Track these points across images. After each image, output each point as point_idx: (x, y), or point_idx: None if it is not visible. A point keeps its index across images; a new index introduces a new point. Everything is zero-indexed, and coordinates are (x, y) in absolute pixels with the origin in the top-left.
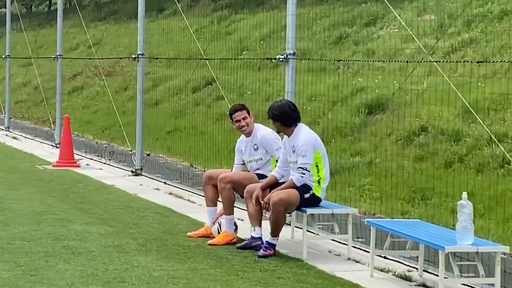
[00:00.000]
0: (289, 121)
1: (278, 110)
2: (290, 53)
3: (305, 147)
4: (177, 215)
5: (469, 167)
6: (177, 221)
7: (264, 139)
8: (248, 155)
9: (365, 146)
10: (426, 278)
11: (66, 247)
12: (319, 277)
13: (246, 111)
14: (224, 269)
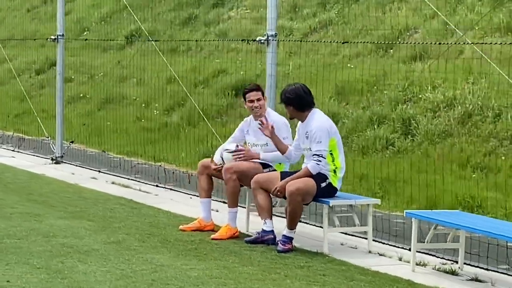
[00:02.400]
0: (303, 105)
1: (292, 93)
2: (271, 34)
3: (320, 133)
4: (146, 207)
5: (353, 149)
6: (153, 213)
7: (274, 124)
8: (255, 138)
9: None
10: (476, 272)
11: (65, 245)
12: (363, 273)
13: (261, 93)
14: (256, 267)
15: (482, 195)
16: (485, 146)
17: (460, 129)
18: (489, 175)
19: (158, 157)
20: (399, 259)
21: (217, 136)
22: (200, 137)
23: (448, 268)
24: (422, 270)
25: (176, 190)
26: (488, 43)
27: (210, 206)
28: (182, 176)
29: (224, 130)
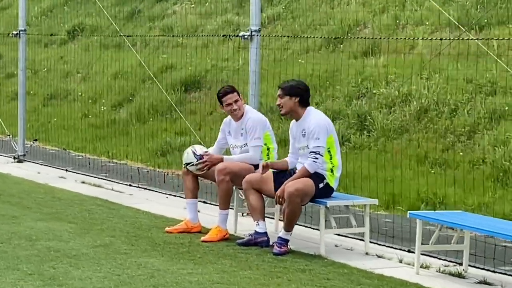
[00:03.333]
0: (306, 100)
1: (302, 85)
2: (255, 29)
3: (318, 129)
4: (124, 208)
5: None
6: (132, 214)
7: (251, 120)
8: (234, 139)
9: (188, 125)
10: (483, 274)
11: (51, 249)
12: (367, 276)
13: (237, 93)
14: (255, 270)
15: (443, 191)
16: (442, 141)
17: (417, 124)
18: (447, 171)
19: (108, 154)
20: (400, 261)
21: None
22: (151, 133)
23: (453, 271)
24: (427, 273)
25: (150, 190)
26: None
27: (196, 207)
28: (154, 175)
29: (174, 126)
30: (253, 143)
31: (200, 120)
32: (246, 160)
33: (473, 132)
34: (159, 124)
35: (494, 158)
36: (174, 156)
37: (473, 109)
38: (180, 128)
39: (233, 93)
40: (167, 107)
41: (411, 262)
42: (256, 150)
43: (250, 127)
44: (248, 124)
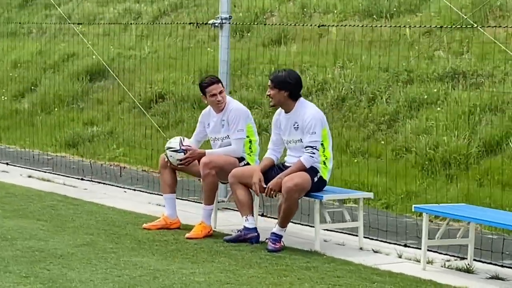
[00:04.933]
0: (297, 92)
1: (293, 78)
2: (225, 17)
3: (314, 122)
4: (88, 203)
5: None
6: (98, 209)
7: (233, 111)
8: (214, 131)
9: (96, 115)
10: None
11: (33, 249)
12: (376, 273)
13: (221, 84)
14: (258, 269)
15: (371, 181)
16: (363, 130)
17: (335, 113)
18: (371, 160)
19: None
20: (399, 256)
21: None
22: (58, 123)
23: (460, 266)
24: (433, 268)
25: (104, 183)
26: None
27: (175, 202)
28: (99, 169)
29: (81, 116)
30: (236, 135)
31: (108, 110)
32: (229, 153)
33: (393, 121)
34: (66, 114)
35: (418, 147)
36: (85, 147)
37: (392, 97)
38: (88, 118)
39: (218, 84)
40: (72, 97)
41: (412, 257)
42: (239, 142)
43: (233, 118)
44: (230, 115)
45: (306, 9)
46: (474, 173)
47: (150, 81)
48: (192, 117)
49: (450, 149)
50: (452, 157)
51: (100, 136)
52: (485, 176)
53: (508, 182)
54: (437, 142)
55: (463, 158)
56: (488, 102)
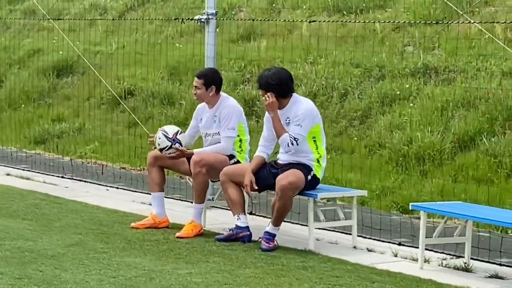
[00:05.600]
0: (286, 91)
1: (275, 78)
2: (211, 13)
3: (304, 116)
4: (71, 202)
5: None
6: (83, 208)
7: (226, 109)
8: (206, 127)
9: (64, 111)
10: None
11: (22, 249)
12: (374, 272)
13: (204, 83)
14: (254, 269)
15: (345, 177)
16: (335, 126)
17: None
18: (344, 156)
19: None
20: (395, 255)
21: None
22: (25, 120)
23: (458, 265)
24: (430, 267)
25: (85, 181)
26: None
27: (163, 201)
28: (78, 166)
29: (49, 112)
30: (226, 133)
31: (77, 106)
32: (218, 151)
33: (366, 117)
34: (34, 110)
35: (392, 143)
36: (53, 144)
37: (364, 93)
38: (57, 115)
39: (199, 79)
40: (39, 93)
41: (408, 256)
42: (228, 141)
43: (225, 115)
44: (223, 112)
45: (275, 4)
46: (448, 169)
47: (119, 77)
48: (162, 113)
49: (424, 145)
50: (426, 153)
51: (69, 133)
52: (459, 172)
53: (483, 178)
54: (411, 138)
55: (437, 154)
56: (461, 97)
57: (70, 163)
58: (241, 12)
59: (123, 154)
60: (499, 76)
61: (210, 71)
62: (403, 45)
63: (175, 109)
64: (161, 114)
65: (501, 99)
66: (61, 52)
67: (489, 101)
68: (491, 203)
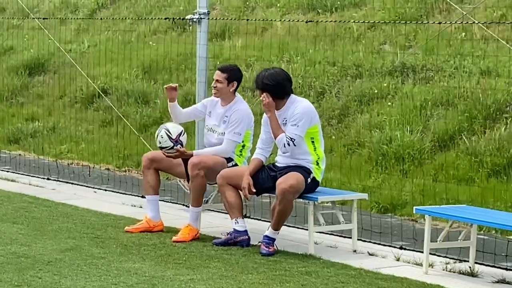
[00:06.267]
0: (282, 92)
1: (271, 79)
2: (202, 12)
3: (301, 116)
4: (61, 205)
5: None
6: (73, 212)
7: (238, 113)
8: (212, 122)
9: (37, 110)
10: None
11: (17, 254)
12: (380, 278)
13: (227, 77)
14: (256, 274)
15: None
16: None
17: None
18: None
19: None
20: (397, 260)
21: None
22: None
23: (463, 269)
24: (435, 272)
25: (71, 183)
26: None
27: (158, 204)
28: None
29: (22, 111)
30: (231, 136)
31: (49, 105)
32: (218, 154)
33: (344, 116)
34: (6, 109)
35: (371, 142)
36: (28, 143)
37: (341, 92)
38: (29, 114)
39: (223, 73)
40: (11, 92)
41: (410, 260)
42: (231, 144)
43: (235, 119)
44: (233, 114)
45: (249, 2)
46: (428, 168)
47: (92, 76)
48: (136, 112)
49: (404, 144)
50: (406, 152)
51: (43, 132)
52: (440, 171)
53: (463, 177)
54: (390, 137)
55: (417, 153)
56: (439, 96)
57: (56, 164)
58: (215, 11)
59: (99, 154)
60: (478, 75)
61: (234, 67)
62: (380, 44)
63: (150, 108)
64: (136, 113)
65: (480, 98)
66: (32, 51)
67: (468, 100)
68: (474, 203)
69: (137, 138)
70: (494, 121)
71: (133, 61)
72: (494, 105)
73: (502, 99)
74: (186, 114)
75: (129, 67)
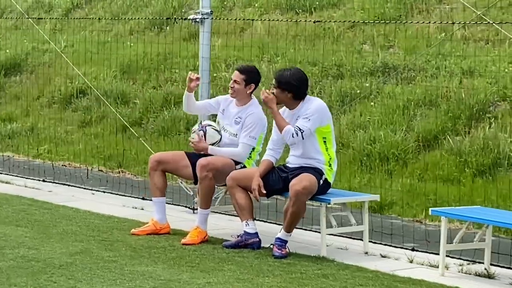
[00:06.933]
0: (302, 93)
1: (297, 80)
2: (206, 12)
3: (314, 112)
4: (61, 207)
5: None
6: (75, 214)
7: (253, 116)
8: (225, 121)
9: (14, 111)
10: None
11: (27, 258)
12: (398, 280)
13: (245, 79)
14: (273, 277)
15: None
16: None
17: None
18: None
19: None
20: (410, 261)
21: None
22: None
23: (479, 271)
24: (451, 274)
25: (67, 185)
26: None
27: (164, 207)
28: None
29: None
30: (247, 140)
31: (27, 106)
32: (233, 156)
33: None
34: None
35: (355, 142)
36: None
37: (323, 92)
38: (6, 114)
39: (241, 74)
40: None
41: (423, 262)
42: (247, 148)
43: (250, 123)
44: (248, 118)
45: (226, 2)
46: (413, 168)
47: (70, 76)
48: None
49: (388, 144)
50: (390, 152)
51: (21, 133)
52: (424, 171)
53: (449, 177)
54: (374, 137)
55: (401, 153)
56: (422, 96)
57: (52, 166)
58: (191, 10)
59: (79, 154)
60: (459, 75)
61: (253, 68)
62: (360, 43)
63: (129, 108)
64: (115, 113)
65: (463, 98)
66: (7, 51)
67: (451, 100)
68: (462, 203)
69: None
70: (478, 121)
71: (111, 61)
72: (477, 105)
73: (485, 99)
74: (198, 106)
75: (107, 67)
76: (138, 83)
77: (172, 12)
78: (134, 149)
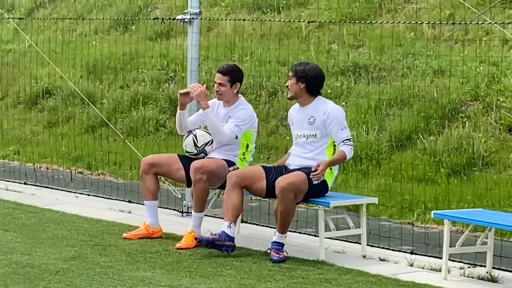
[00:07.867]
0: (317, 87)
1: (313, 71)
2: (194, 12)
3: (341, 119)
4: (46, 211)
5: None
6: (62, 218)
7: (243, 112)
8: None
9: None
10: None
11: (22, 264)
12: (401, 285)
13: (229, 79)
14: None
15: None
16: (265, 126)
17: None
18: (278, 155)
19: None
20: (411, 265)
21: None
22: None
23: (482, 274)
24: (454, 278)
25: (50, 188)
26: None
27: (157, 210)
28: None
29: None
30: (233, 127)
31: None
32: (218, 132)
33: None
34: None
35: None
36: None
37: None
38: None
39: (225, 76)
40: None
41: (424, 266)
42: (231, 133)
43: (242, 115)
44: (240, 112)
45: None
46: (386, 168)
47: (35, 76)
48: (83, 113)
49: (361, 144)
50: (364, 152)
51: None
52: (398, 171)
53: (423, 177)
54: None
55: (374, 153)
56: (394, 96)
57: (34, 168)
58: (157, 10)
59: (47, 155)
60: (431, 75)
61: (235, 67)
62: (328, 43)
63: (97, 108)
64: (82, 113)
65: (435, 98)
66: None
67: (423, 99)
68: (438, 203)
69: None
70: (451, 120)
71: (76, 61)
72: (449, 105)
73: (457, 99)
74: (192, 123)
75: (73, 67)
76: (105, 83)
77: (137, 11)
78: (103, 149)
